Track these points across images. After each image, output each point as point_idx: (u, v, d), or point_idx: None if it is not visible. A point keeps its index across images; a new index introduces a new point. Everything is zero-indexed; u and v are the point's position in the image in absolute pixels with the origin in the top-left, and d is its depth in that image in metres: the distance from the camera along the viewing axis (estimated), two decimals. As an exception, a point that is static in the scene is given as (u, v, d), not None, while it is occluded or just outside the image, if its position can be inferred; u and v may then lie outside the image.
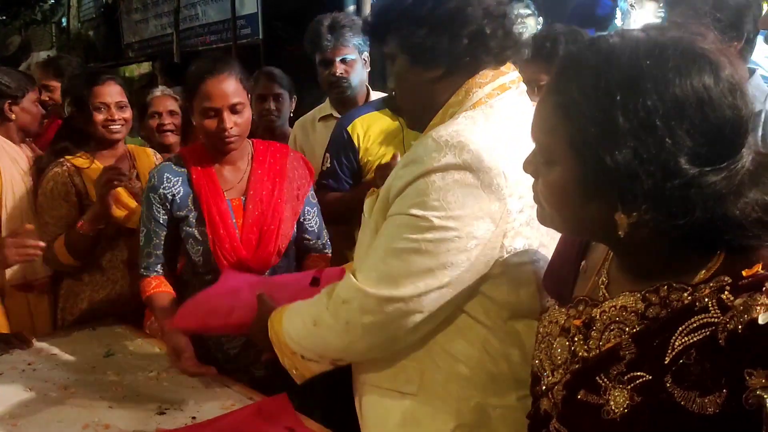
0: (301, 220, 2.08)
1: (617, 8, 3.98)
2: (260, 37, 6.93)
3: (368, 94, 2.61)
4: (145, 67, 9.12)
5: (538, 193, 0.93)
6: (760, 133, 1.83)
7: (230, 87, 1.87)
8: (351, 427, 1.50)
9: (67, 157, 2.29)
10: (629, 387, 0.82)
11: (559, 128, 0.84)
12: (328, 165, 2.39)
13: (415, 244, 1.19)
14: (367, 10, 4.20)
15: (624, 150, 0.77)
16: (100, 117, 2.23)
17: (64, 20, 12.00)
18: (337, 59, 2.47)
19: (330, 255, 2.17)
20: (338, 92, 2.54)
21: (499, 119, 1.25)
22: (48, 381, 1.81)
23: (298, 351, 1.37)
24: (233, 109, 1.88)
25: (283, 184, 2.02)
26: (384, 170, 2.23)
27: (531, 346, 1.25)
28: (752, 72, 1.93)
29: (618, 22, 3.92)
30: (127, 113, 2.31)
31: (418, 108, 1.33)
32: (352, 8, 4.90)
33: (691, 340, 0.78)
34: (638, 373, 0.82)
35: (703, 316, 0.78)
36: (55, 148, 2.36)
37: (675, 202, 0.78)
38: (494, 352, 1.29)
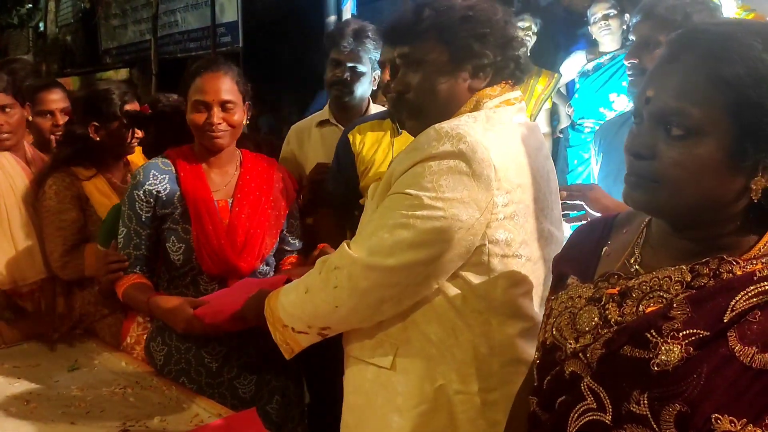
0: (284, 232, 2.07)
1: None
2: (240, 45, 6.92)
3: (368, 108, 2.56)
4: (122, 74, 9.04)
5: (651, 172, 0.93)
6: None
7: (224, 84, 1.89)
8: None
9: (69, 166, 2.30)
10: (684, 342, 0.87)
11: (715, 97, 0.88)
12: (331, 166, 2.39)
13: (405, 219, 1.31)
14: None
15: None
16: (129, 133, 2.27)
17: (41, 25, 11.88)
18: (348, 64, 2.43)
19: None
20: (337, 91, 2.48)
21: (497, 124, 1.38)
22: (8, 395, 1.76)
23: (289, 323, 1.46)
24: (224, 106, 1.88)
25: (270, 193, 2.03)
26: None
27: (500, 342, 1.38)
28: None
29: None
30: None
31: (433, 111, 1.42)
32: (332, 18, 4.89)
33: (755, 303, 0.85)
34: (695, 330, 0.87)
35: (765, 283, 0.85)
36: (58, 157, 2.36)
37: None
38: (463, 339, 1.38)
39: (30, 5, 11.55)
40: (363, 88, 2.48)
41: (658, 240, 1.01)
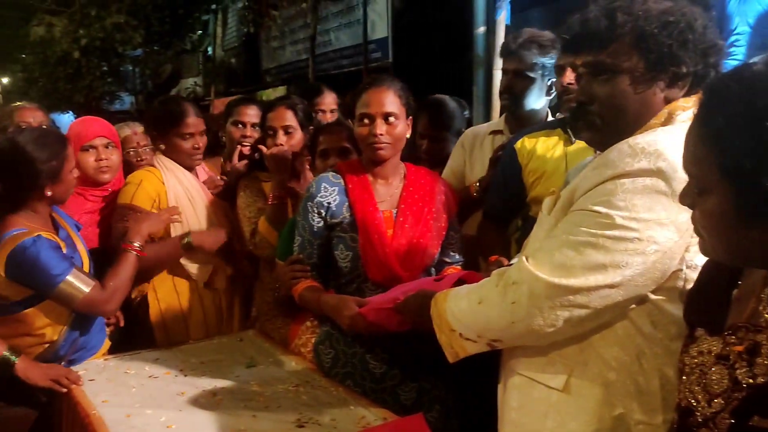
0: (444, 244, 2.13)
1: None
2: (390, 60, 7.12)
3: (546, 118, 2.50)
4: (280, 92, 9.62)
5: (697, 224, 0.94)
6: None
7: (386, 97, 2.00)
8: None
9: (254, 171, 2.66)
10: None
11: (709, 158, 0.87)
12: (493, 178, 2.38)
13: (594, 238, 1.24)
14: (500, 32, 4.16)
15: None
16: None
17: (209, 49, 12.93)
18: (516, 72, 2.41)
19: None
20: (504, 100, 2.49)
21: None
22: (198, 387, 1.94)
23: (457, 329, 1.44)
24: (386, 119, 1.98)
25: (432, 205, 2.09)
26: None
27: None
28: None
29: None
30: None
31: (620, 123, 1.34)
32: (482, 30, 4.90)
33: None
34: None
35: None
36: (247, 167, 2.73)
37: None
38: (648, 367, 1.30)
39: (200, 31, 12.60)
40: (533, 97, 2.42)
41: None
